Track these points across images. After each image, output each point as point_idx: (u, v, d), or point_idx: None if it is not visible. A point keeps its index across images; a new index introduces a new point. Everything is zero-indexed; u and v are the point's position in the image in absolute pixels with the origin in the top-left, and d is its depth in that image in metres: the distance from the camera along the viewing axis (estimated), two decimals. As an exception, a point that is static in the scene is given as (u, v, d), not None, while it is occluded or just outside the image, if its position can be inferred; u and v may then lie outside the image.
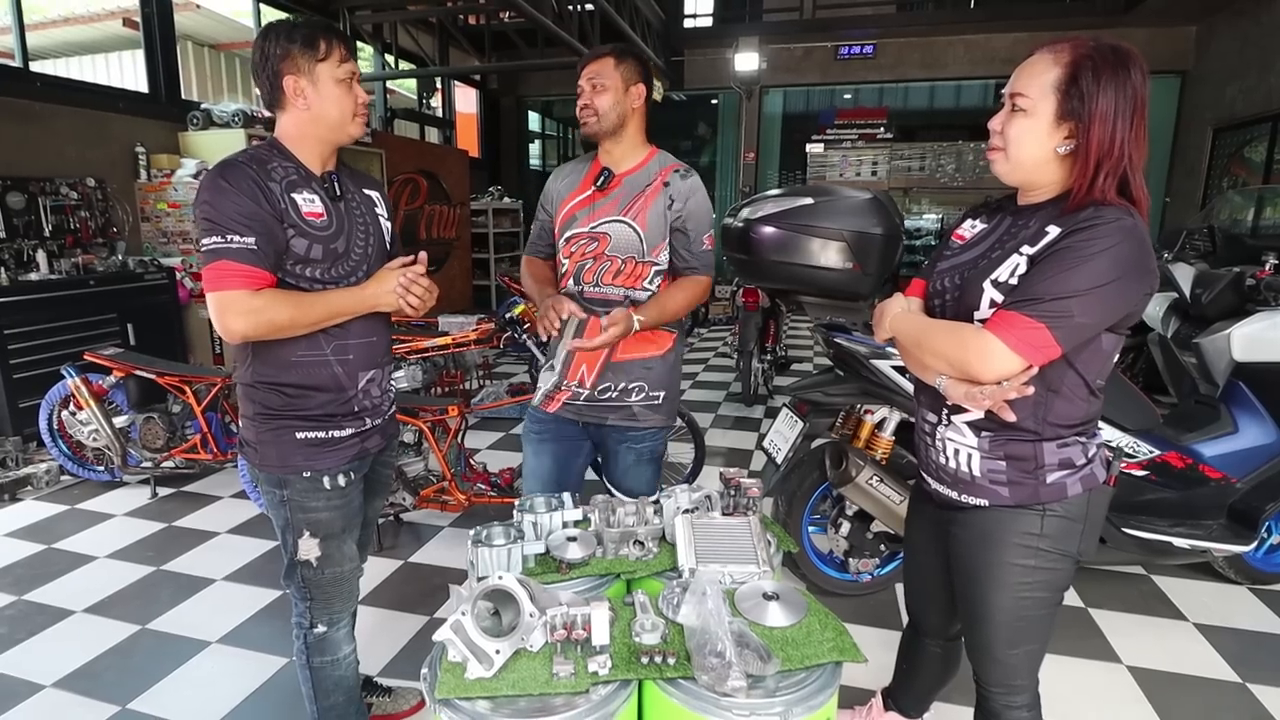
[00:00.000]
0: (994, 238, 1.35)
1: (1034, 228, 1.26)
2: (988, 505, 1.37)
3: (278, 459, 1.59)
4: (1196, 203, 8.60)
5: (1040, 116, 1.23)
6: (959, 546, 1.44)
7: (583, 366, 1.96)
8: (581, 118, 1.90)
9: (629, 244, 1.90)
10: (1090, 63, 1.18)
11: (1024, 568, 1.35)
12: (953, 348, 1.27)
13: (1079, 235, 1.18)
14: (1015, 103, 1.25)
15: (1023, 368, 1.20)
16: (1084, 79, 1.18)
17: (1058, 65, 1.21)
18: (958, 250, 1.42)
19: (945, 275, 1.40)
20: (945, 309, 1.38)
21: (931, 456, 1.46)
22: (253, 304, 1.44)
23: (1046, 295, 1.17)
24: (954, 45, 9.97)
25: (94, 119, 5.15)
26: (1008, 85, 1.28)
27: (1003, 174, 1.32)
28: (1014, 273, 1.25)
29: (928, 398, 1.43)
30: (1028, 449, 1.32)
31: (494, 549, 1.53)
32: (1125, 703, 2.19)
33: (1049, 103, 1.22)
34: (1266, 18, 7.68)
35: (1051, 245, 1.21)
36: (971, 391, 1.25)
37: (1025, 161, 1.27)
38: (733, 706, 1.19)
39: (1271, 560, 2.84)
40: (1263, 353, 2.66)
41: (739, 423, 5.13)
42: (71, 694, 2.20)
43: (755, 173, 11.10)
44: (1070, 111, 1.20)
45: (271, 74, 1.50)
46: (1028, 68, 1.25)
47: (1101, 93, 1.18)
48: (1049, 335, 1.17)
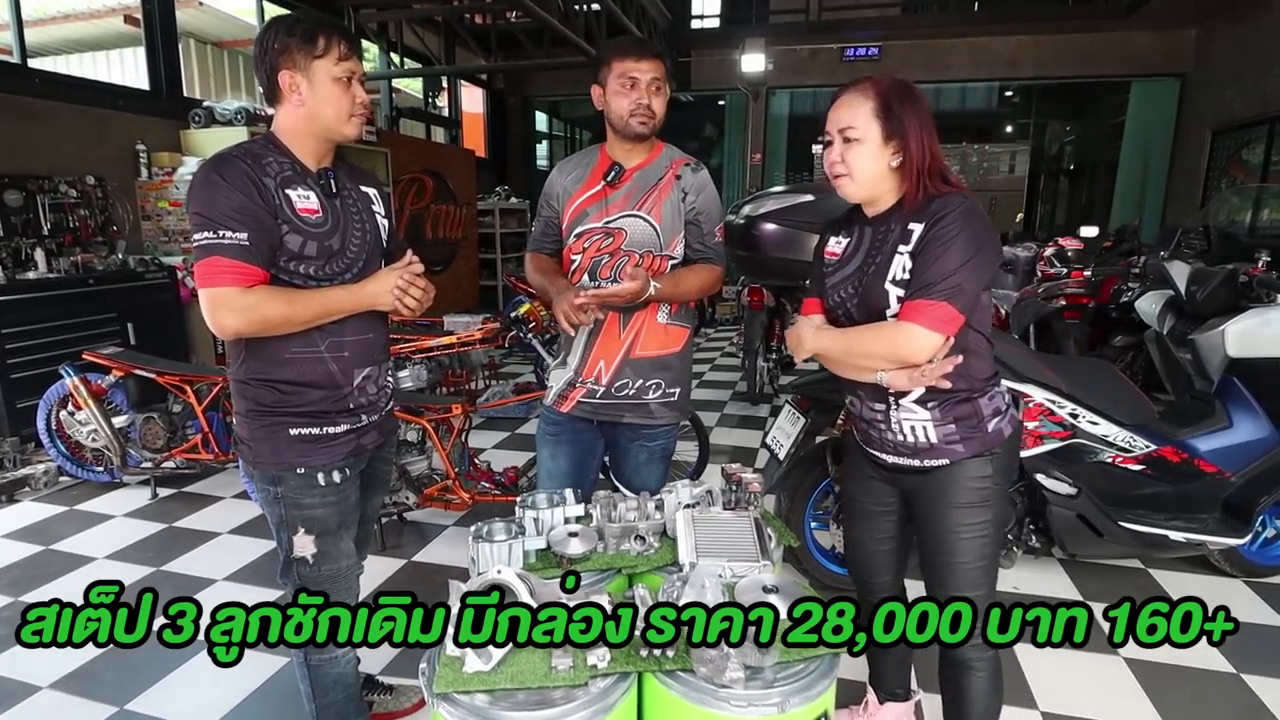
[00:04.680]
0: (865, 248, 1.55)
1: (898, 230, 1.48)
2: (949, 463, 1.55)
3: (271, 456, 1.58)
4: (1196, 204, 8.61)
5: (870, 141, 1.46)
6: (924, 502, 1.61)
7: (600, 363, 1.94)
8: (637, 117, 1.83)
9: (646, 238, 1.89)
10: (893, 91, 1.45)
11: (983, 507, 1.56)
12: (883, 345, 1.46)
13: (939, 226, 1.41)
14: (847, 135, 1.47)
15: (942, 341, 1.42)
16: (894, 103, 1.44)
17: (869, 99, 1.45)
18: (837, 265, 1.60)
19: (839, 289, 1.58)
20: (851, 317, 1.55)
21: (888, 438, 1.61)
22: (245, 300, 1.43)
23: (937, 279, 1.40)
24: (958, 47, 10.00)
25: (94, 116, 5.15)
26: (832, 125, 1.49)
27: (852, 194, 1.53)
28: (903, 269, 1.46)
29: (868, 392, 1.59)
30: (969, 408, 1.53)
31: (495, 544, 1.53)
32: (1122, 694, 2.21)
33: (874, 128, 1.45)
34: (1265, 21, 7.71)
35: (922, 238, 1.44)
36: (913, 374, 1.45)
37: (867, 179, 1.49)
38: (730, 698, 1.20)
39: (1266, 553, 2.86)
40: (1256, 348, 2.68)
41: (744, 421, 5.15)
42: (69, 695, 2.20)
43: (762, 174, 11.12)
44: (893, 130, 1.44)
45: (269, 68, 1.50)
46: (847, 106, 1.47)
47: (908, 113, 1.44)
48: (951, 309, 1.39)
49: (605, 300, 1.79)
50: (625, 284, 1.76)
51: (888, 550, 1.79)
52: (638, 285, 1.75)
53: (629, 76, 1.82)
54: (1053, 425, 2.49)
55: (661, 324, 1.94)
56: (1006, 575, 2.81)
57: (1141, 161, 9.98)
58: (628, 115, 1.83)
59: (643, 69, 1.81)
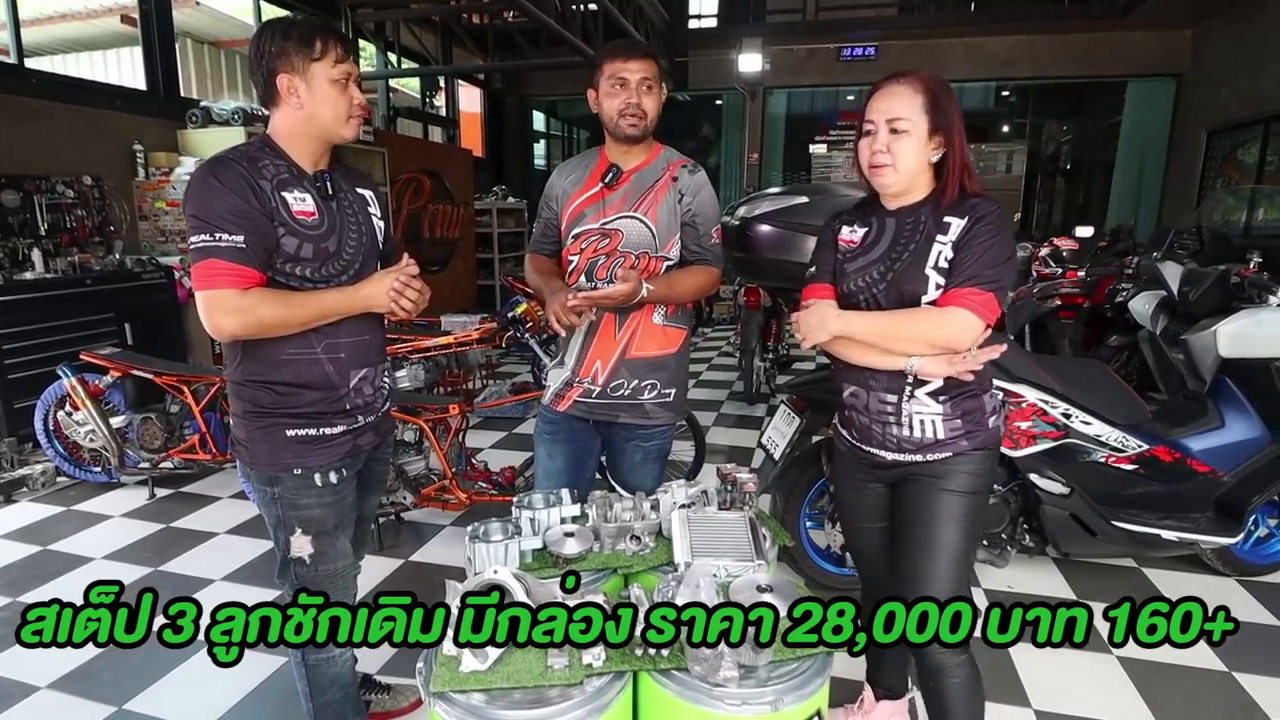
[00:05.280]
0: (890, 237, 1.56)
1: (930, 221, 1.51)
2: (950, 454, 1.56)
3: (268, 457, 1.59)
4: (1191, 203, 8.65)
5: (918, 134, 1.47)
6: (911, 494, 1.60)
7: (596, 363, 1.95)
8: (627, 118, 1.84)
9: (641, 240, 1.90)
10: (940, 88, 1.48)
11: (970, 498, 1.57)
12: (929, 328, 1.47)
13: (984, 223, 1.46)
14: (895, 127, 1.48)
15: (983, 329, 1.45)
16: (941, 99, 1.47)
17: (919, 93, 1.47)
18: (857, 252, 1.60)
19: (861, 274, 1.58)
20: (877, 301, 1.55)
21: (892, 433, 1.59)
22: (241, 303, 1.44)
23: (984, 270, 1.44)
24: (954, 47, 10.03)
25: (91, 116, 5.15)
26: (878, 115, 1.50)
27: (890, 184, 1.53)
28: (942, 258, 1.49)
29: (881, 382, 1.58)
30: (976, 402, 1.56)
31: (491, 544, 1.54)
32: (1116, 692, 2.23)
33: (923, 122, 1.47)
34: (1260, 22, 7.74)
35: (967, 232, 1.47)
36: (954, 360, 1.45)
37: (910, 171, 1.50)
38: (725, 696, 1.21)
39: (1258, 552, 2.88)
40: (1248, 349, 2.70)
41: (741, 421, 5.16)
42: (68, 695, 2.20)
43: (760, 174, 11.14)
44: (939, 125, 1.47)
45: (266, 71, 1.51)
46: (895, 98, 1.48)
47: (952, 109, 1.47)
48: (994, 300, 1.44)
49: (598, 302, 1.80)
50: (617, 286, 1.77)
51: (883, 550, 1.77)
52: (629, 287, 1.76)
53: (618, 77, 1.83)
54: (1046, 425, 2.51)
55: (658, 325, 1.95)
56: (1001, 574, 2.83)
57: (1137, 161, 10.02)
58: (617, 116, 1.85)
59: (630, 69, 1.83)
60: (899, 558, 1.64)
